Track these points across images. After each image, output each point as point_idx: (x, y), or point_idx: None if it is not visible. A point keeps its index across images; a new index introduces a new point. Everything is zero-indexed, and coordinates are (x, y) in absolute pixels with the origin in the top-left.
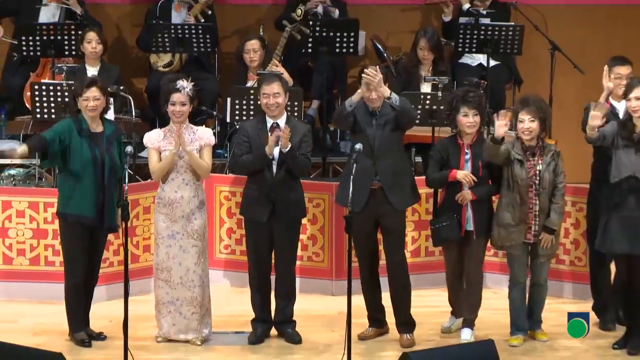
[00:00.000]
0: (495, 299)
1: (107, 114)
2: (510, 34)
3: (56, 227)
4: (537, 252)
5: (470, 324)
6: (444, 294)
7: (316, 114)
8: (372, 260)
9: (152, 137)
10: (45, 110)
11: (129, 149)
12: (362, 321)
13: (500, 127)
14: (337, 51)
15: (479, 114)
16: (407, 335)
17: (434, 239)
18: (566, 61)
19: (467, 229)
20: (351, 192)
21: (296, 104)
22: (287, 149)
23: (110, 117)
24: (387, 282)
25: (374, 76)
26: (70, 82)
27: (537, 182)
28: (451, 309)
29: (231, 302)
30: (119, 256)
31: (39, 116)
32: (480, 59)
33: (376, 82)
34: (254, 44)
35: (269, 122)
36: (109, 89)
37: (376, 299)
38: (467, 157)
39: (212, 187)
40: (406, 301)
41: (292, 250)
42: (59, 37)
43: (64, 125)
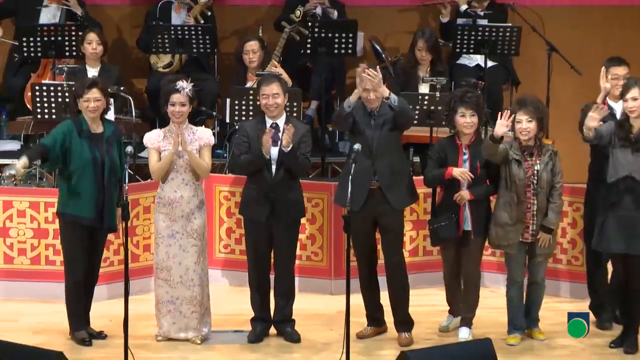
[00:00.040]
0: (492, 298)
1: (107, 115)
2: (507, 35)
3: (57, 226)
4: (534, 251)
5: (468, 322)
6: (442, 293)
7: (315, 115)
8: (371, 259)
9: (152, 137)
10: (46, 110)
11: (129, 149)
12: (360, 320)
13: (501, 125)
14: (336, 52)
15: (476, 115)
16: (405, 334)
17: (432, 238)
18: (563, 62)
19: (464, 228)
20: (350, 192)
21: (295, 104)
22: (289, 148)
23: (110, 117)
24: (386, 281)
25: (374, 76)
26: (70, 82)
27: (535, 181)
28: (449, 308)
29: (230, 301)
30: (119, 255)
31: (39, 116)
32: (477, 59)
33: (376, 82)
34: (253, 45)
35: (269, 122)
36: (109, 90)
37: (375, 298)
38: (465, 157)
39: (212, 187)
40: (404, 300)
41: (291, 249)
42: (60, 38)
43: (63, 127)
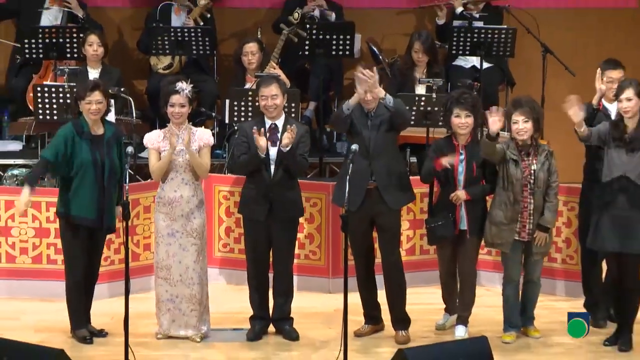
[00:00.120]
0: (488, 297)
1: (108, 116)
2: (502, 36)
3: (58, 226)
4: (531, 250)
5: (464, 321)
6: (438, 292)
7: (313, 115)
8: (368, 258)
9: (152, 138)
10: (47, 111)
11: (130, 149)
12: (358, 318)
13: (494, 123)
14: (334, 54)
15: (471, 115)
16: (402, 332)
17: (429, 237)
18: (558, 63)
19: (461, 228)
20: (347, 192)
21: (293, 105)
22: (288, 148)
23: (111, 118)
24: (383, 280)
25: (370, 77)
26: (72, 84)
27: (531, 181)
28: (445, 306)
29: (230, 299)
30: (119, 254)
31: (41, 117)
32: (473, 61)
33: (371, 83)
34: (252, 47)
35: (268, 123)
36: (109, 91)
37: (372, 297)
38: (462, 157)
39: (211, 186)
40: (401, 299)
41: (289, 248)
42: (61, 39)
43: (64, 132)
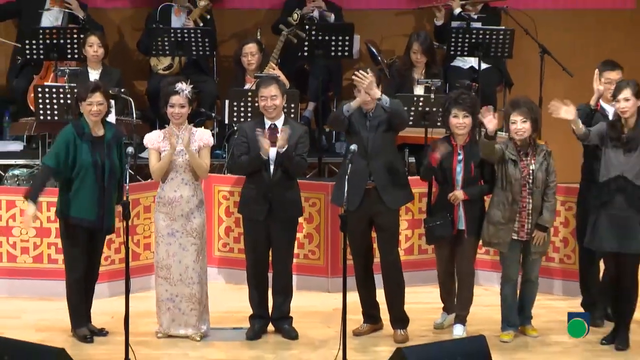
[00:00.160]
0: (486, 296)
1: (109, 117)
2: (500, 37)
3: (58, 226)
4: (529, 249)
5: (462, 320)
6: (436, 291)
7: (312, 116)
8: (367, 258)
9: (152, 138)
10: (48, 112)
11: (130, 149)
12: (357, 317)
13: (490, 122)
14: (333, 54)
15: (469, 116)
16: (401, 331)
17: (428, 237)
18: (555, 64)
19: (459, 227)
20: (346, 192)
21: (293, 105)
22: (284, 149)
23: (111, 119)
24: (382, 279)
25: (364, 78)
26: (72, 84)
27: (530, 181)
28: (443, 306)
29: (229, 298)
30: (120, 254)
31: (42, 118)
32: (471, 62)
33: (366, 84)
34: (251, 48)
35: (267, 123)
36: (110, 91)
37: (370, 296)
38: (460, 157)
39: (211, 186)
40: (400, 298)
41: (289, 248)
42: (62, 40)
43: (64, 136)
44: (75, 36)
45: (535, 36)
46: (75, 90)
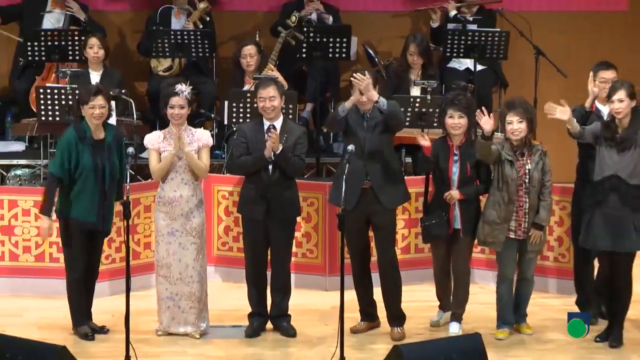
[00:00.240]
0: (482, 294)
1: (109, 120)
2: (496, 39)
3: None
4: (526, 248)
5: (458, 318)
6: (432, 289)
7: (310, 117)
8: (364, 256)
9: (152, 139)
10: (49, 112)
11: (131, 150)
12: (354, 315)
13: (485, 123)
14: (330, 56)
15: (465, 116)
16: (397, 328)
17: (424, 235)
18: (550, 66)
19: (455, 227)
20: (343, 192)
21: (291, 106)
22: (279, 151)
23: (112, 120)
24: (379, 278)
25: (362, 80)
26: (74, 85)
27: (526, 180)
28: (439, 304)
29: (228, 297)
30: (120, 253)
31: (43, 118)
32: (467, 63)
33: (363, 86)
34: (250, 49)
35: (266, 124)
36: (111, 92)
37: (368, 294)
38: (456, 157)
39: (210, 186)
40: (397, 296)
41: (287, 247)
42: (63, 42)
43: (66, 141)
44: (76, 38)
45: (530, 38)
46: (77, 93)
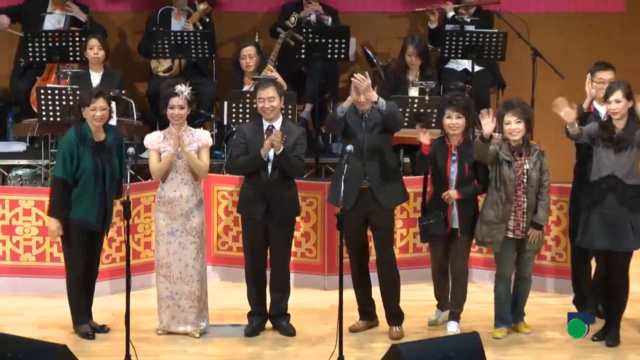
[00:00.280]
0: (479, 293)
1: (110, 120)
2: (494, 40)
3: None
4: (524, 247)
5: (456, 317)
6: (430, 289)
7: (309, 117)
8: (362, 256)
9: (152, 139)
10: (50, 113)
11: (131, 150)
12: (353, 314)
13: (487, 125)
14: (329, 57)
15: (462, 117)
16: (396, 327)
17: (422, 235)
18: (547, 67)
19: (452, 226)
20: (342, 192)
21: (290, 107)
22: (280, 151)
23: (113, 121)
24: (377, 277)
25: (362, 81)
26: (74, 86)
27: (525, 180)
28: (437, 303)
29: (228, 296)
30: (121, 252)
31: (44, 119)
32: (465, 64)
33: (364, 87)
34: (249, 50)
35: (265, 124)
36: (111, 93)
37: (366, 293)
38: (454, 158)
39: (210, 186)
40: (395, 295)
41: (286, 247)
42: (64, 43)
43: (67, 144)
44: (77, 39)
45: (527, 39)
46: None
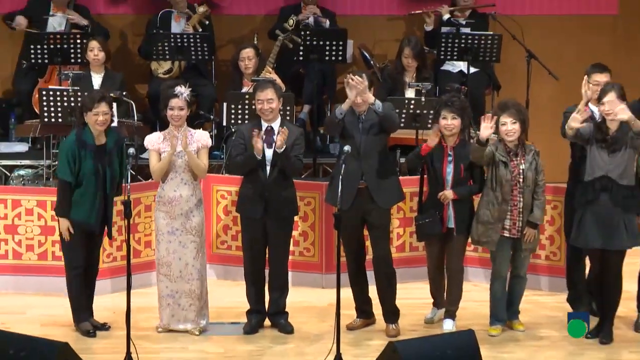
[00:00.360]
0: (475, 292)
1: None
2: (489, 42)
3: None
4: (520, 246)
5: (451, 315)
6: (426, 287)
7: (307, 118)
8: (359, 255)
9: (153, 140)
10: (52, 114)
11: (131, 150)
12: (350, 312)
13: (486, 129)
14: (327, 59)
15: (458, 118)
16: (392, 325)
17: (418, 234)
18: (542, 68)
19: (448, 226)
20: (340, 192)
21: (288, 108)
22: (282, 149)
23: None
24: (374, 275)
25: (359, 83)
26: (76, 88)
27: (521, 180)
28: (433, 301)
29: (227, 294)
30: (121, 251)
31: (46, 120)
32: (460, 66)
33: (361, 88)
34: (248, 52)
35: (264, 125)
36: (112, 95)
37: (363, 292)
38: (450, 158)
39: (210, 186)
40: (391, 292)
41: (285, 246)
42: (65, 45)
43: (68, 147)
44: (78, 41)
45: (522, 41)
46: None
